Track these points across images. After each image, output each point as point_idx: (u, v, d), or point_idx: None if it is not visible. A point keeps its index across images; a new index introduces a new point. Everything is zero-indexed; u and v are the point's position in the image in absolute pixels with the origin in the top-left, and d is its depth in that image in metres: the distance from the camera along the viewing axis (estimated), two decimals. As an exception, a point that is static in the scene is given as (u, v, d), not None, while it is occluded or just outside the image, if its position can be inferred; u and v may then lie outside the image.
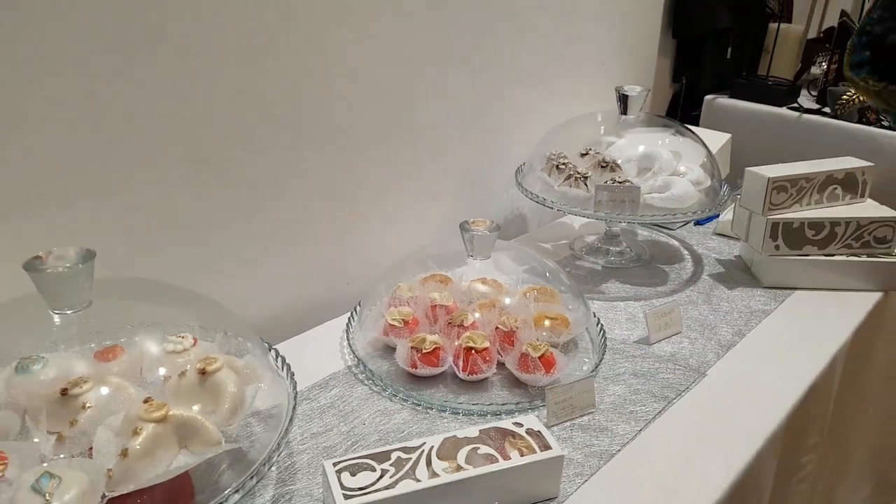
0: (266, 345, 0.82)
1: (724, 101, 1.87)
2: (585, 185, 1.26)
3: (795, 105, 1.80)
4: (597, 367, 0.98)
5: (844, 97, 1.68)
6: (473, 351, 0.93)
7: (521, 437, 0.77)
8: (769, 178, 1.21)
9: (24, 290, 0.67)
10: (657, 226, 1.52)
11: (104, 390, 0.66)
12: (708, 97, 1.89)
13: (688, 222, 1.52)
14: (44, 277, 0.66)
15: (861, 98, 1.68)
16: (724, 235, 1.47)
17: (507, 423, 0.78)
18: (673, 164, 1.32)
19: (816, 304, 1.20)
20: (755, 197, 1.24)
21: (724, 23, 1.84)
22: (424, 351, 0.93)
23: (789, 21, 2.15)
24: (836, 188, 1.27)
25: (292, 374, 0.77)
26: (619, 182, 1.24)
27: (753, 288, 1.26)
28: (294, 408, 0.72)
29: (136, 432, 0.60)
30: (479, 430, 0.77)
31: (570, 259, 1.38)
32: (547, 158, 1.33)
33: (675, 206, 1.23)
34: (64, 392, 0.65)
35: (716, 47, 1.92)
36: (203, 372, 0.68)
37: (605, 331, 1.06)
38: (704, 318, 1.15)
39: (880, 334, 1.31)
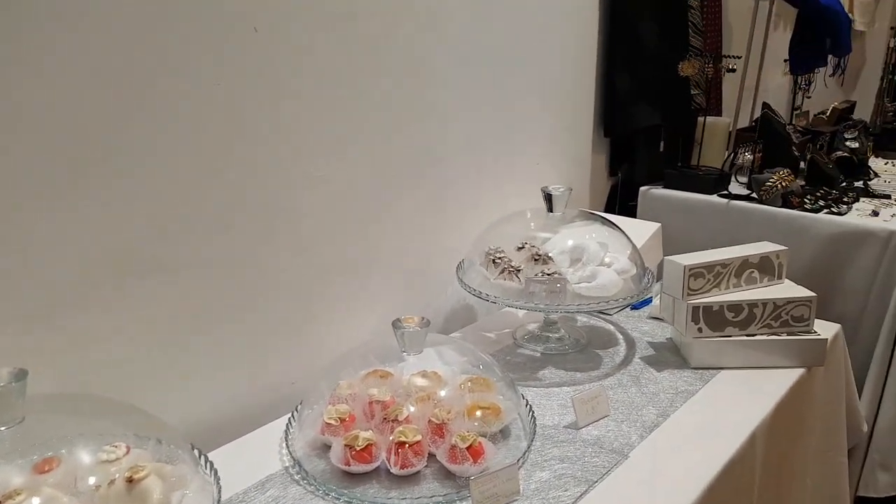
0: (196, 451, 0.86)
1: (658, 191, 1.99)
2: (518, 277, 1.34)
3: (725, 192, 1.93)
4: (524, 454, 1.03)
5: (768, 183, 1.81)
6: (405, 445, 0.98)
7: (440, 528, 0.81)
8: (685, 266, 1.30)
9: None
10: (598, 312, 1.60)
11: (35, 501, 0.70)
12: (643, 188, 2.02)
13: (623, 307, 1.60)
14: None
15: (783, 184, 1.80)
16: (657, 319, 1.55)
17: (426, 515, 0.83)
18: (601, 255, 1.41)
19: (740, 382, 1.27)
20: (675, 283, 1.32)
21: (650, 120, 1.98)
22: (357, 448, 0.97)
23: (719, 114, 2.32)
24: (752, 272, 1.36)
25: (218, 479, 0.81)
26: (548, 274, 1.32)
27: (682, 369, 1.32)
28: (218, 511, 0.76)
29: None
30: (399, 523, 0.81)
31: (512, 347, 1.44)
32: (486, 253, 1.42)
33: (601, 294, 1.31)
34: (-3, 505, 0.69)
35: (647, 142, 2.06)
36: (130, 480, 0.73)
37: (535, 418, 1.12)
38: (632, 401, 1.21)
39: (811, 410, 1.37)
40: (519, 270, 1.35)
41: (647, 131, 2.03)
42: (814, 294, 1.33)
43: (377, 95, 1.31)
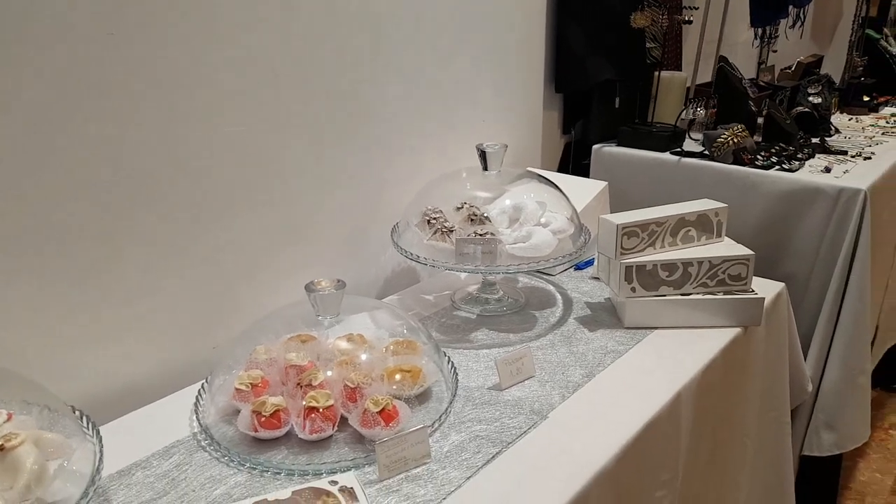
0: (84, 418, 0.84)
1: (611, 149, 1.96)
2: (450, 238, 1.31)
3: (678, 150, 1.89)
4: (440, 417, 1.01)
5: (720, 139, 1.78)
6: (316, 410, 0.96)
7: (334, 496, 0.79)
8: (618, 225, 1.27)
9: None
10: (539, 272, 1.58)
11: None
12: (595, 147, 1.98)
13: (559, 267, 1.57)
14: None
15: (735, 140, 1.77)
16: (598, 279, 1.53)
17: (323, 483, 0.81)
18: (538, 215, 1.39)
19: (671, 342, 1.25)
20: (608, 243, 1.29)
21: (604, 75, 1.93)
22: (265, 414, 0.95)
23: (678, 69, 2.27)
24: (689, 230, 1.34)
25: (101, 447, 0.79)
26: (480, 235, 1.29)
27: (615, 329, 1.31)
28: (95, 479, 0.74)
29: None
30: (292, 492, 0.79)
31: (450, 309, 1.42)
32: (423, 214, 1.39)
33: (534, 254, 1.29)
34: None
35: (602, 98, 2.01)
36: (2, 448, 0.70)
37: (457, 380, 1.10)
38: (560, 361, 1.19)
39: (749, 371, 1.36)
40: (451, 231, 1.32)
41: (602, 87, 1.98)
42: (751, 252, 1.30)
43: (302, 44, 1.25)
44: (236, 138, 1.19)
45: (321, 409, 0.96)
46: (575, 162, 2.05)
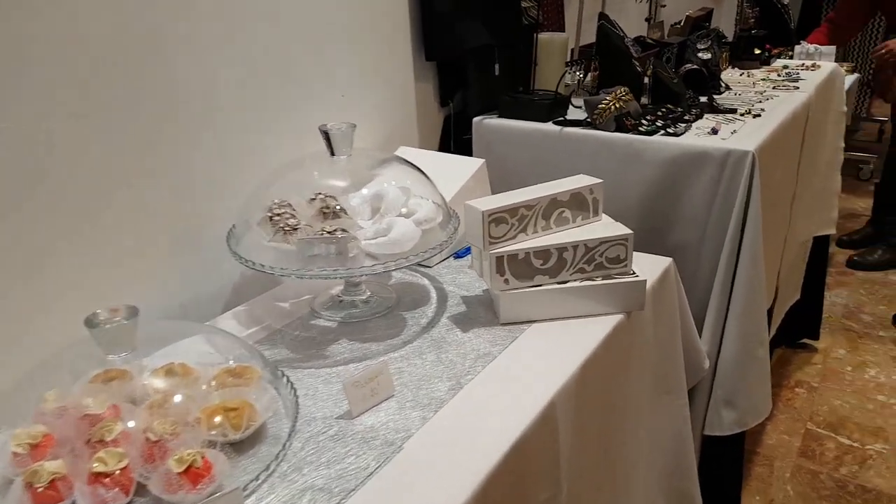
0: None
1: (492, 121, 1.81)
2: (293, 238, 1.13)
3: (560, 118, 1.76)
4: (268, 467, 0.85)
5: (601, 105, 1.65)
6: (104, 476, 0.78)
7: None
8: (483, 212, 1.12)
9: None
10: (419, 264, 1.42)
11: None
12: (476, 119, 1.83)
13: (446, 258, 1.42)
14: None
15: (617, 105, 1.65)
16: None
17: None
18: (400, 203, 1.23)
19: (547, 337, 1.12)
20: (475, 231, 1.15)
21: (478, 40, 1.77)
22: (39, 486, 0.77)
23: (562, 30, 2.13)
24: (563, 211, 1.20)
25: None
26: (329, 232, 1.12)
27: (491, 326, 1.17)
28: None
29: None
30: None
31: (307, 318, 1.25)
32: (268, 209, 1.20)
33: (393, 250, 1.13)
34: None
35: (480, 65, 1.86)
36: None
37: (298, 412, 0.93)
38: (425, 373, 1.05)
39: (636, 356, 1.25)
40: (296, 229, 1.14)
41: (478, 53, 1.82)
42: (629, 231, 1.18)
43: (103, 27, 1.04)
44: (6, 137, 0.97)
45: (113, 474, 0.78)
46: (457, 137, 1.89)
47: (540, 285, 1.17)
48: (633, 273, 1.19)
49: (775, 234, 1.94)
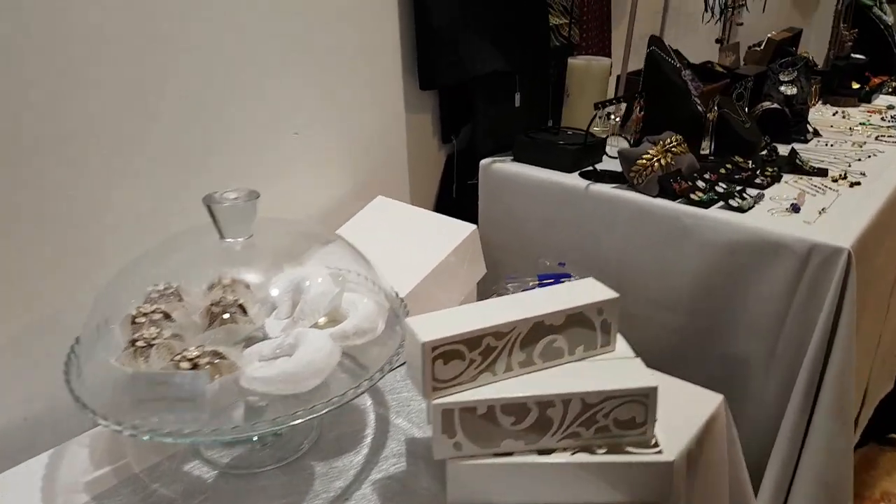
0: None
1: (504, 165, 1.41)
2: (149, 360, 0.77)
3: (590, 169, 1.35)
4: None
5: (640, 161, 1.23)
6: None
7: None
8: (424, 344, 0.73)
9: None
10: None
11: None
12: (484, 162, 1.43)
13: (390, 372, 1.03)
14: None
15: (664, 161, 1.23)
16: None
17: None
18: (324, 303, 0.85)
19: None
20: (416, 369, 0.76)
21: (490, 65, 1.38)
22: None
23: (607, 53, 1.72)
24: (554, 340, 0.80)
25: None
26: (189, 359, 0.75)
27: (431, 511, 0.78)
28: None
29: None
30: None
31: (183, 457, 0.88)
32: (146, 298, 0.85)
33: (285, 390, 0.76)
34: None
35: (494, 96, 1.46)
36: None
37: None
38: None
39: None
40: (151, 345, 0.78)
41: (491, 80, 1.43)
42: (652, 385, 0.77)
43: None
44: None
45: None
46: (460, 181, 1.50)
47: (510, 454, 0.77)
48: (656, 446, 0.78)
49: (867, 336, 1.48)
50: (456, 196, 1.49)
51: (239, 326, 0.82)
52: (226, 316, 0.81)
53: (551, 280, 1.15)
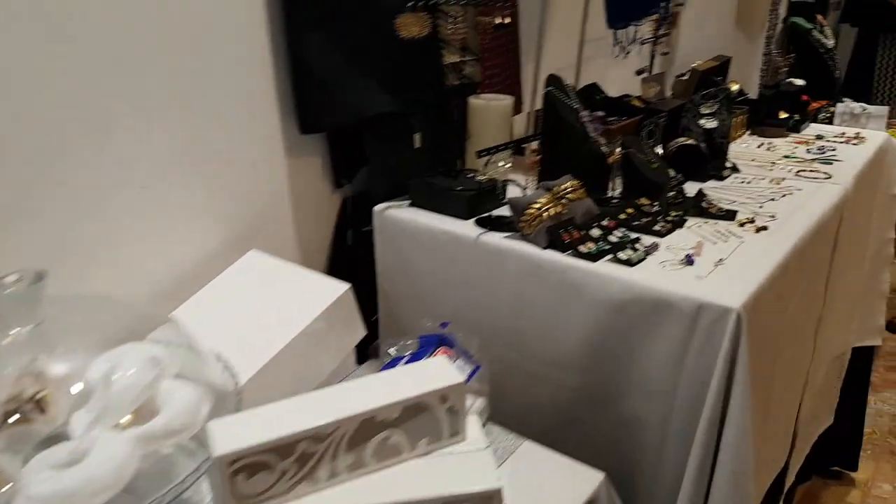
0: None
1: (398, 212, 1.33)
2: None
3: (486, 216, 1.27)
4: None
5: (531, 209, 1.16)
6: None
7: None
8: (219, 458, 0.64)
9: None
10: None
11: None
12: (377, 208, 1.35)
13: None
14: None
15: (553, 211, 1.15)
16: None
17: None
18: (133, 395, 0.76)
19: None
20: (215, 486, 0.67)
21: (377, 107, 1.29)
22: None
23: (515, 93, 1.64)
24: (389, 436, 0.71)
25: None
26: None
27: None
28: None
29: None
30: None
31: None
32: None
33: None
34: None
35: (389, 136, 1.38)
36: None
37: None
38: None
39: None
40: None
41: (385, 121, 1.35)
42: (496, 487, 0.69)
43: None
44: None
45: None
46: (356, 227, 1.41)
47: (330, 573, 0.68)
48: (497, 558, 0.70)
49: (792, 377, 1.42)
50: (352, 244, 1.41)
51: (31, 428, 0.72)
52: (11, 420, 0.71)
53: (432, 344, 1.08)
